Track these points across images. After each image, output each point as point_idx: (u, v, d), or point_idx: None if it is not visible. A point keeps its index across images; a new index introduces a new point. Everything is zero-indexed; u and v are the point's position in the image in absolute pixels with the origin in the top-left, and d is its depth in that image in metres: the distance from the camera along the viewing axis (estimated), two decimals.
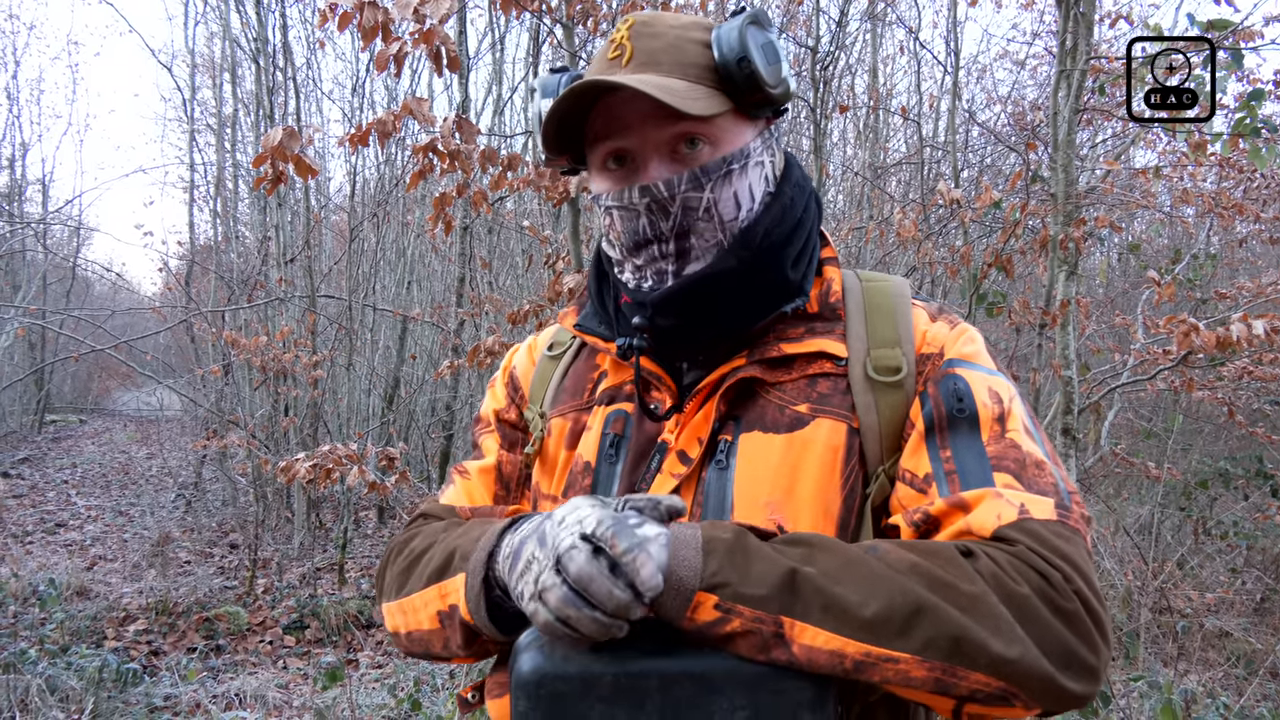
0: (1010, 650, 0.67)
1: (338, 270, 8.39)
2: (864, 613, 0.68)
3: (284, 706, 4.02)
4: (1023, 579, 0.70)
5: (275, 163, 2.34)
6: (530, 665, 0.71)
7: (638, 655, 0.71)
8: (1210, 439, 7.09)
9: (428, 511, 1.02)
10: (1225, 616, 4.96)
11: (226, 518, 7.73)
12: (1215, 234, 6.68)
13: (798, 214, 0.92)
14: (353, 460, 3.14)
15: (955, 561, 0.71)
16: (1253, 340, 2.75)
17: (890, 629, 0.68)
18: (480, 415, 1.10)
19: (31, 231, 11.91)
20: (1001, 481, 0.79)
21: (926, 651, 0.68)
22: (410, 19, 2.16)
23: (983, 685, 0.68)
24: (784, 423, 0.87)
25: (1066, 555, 0.73)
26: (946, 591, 0.69)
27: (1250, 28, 3.43)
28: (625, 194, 0.88)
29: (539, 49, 5.35)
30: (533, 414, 1.03)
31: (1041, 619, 0.69)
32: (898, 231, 4.22)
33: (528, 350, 1.09)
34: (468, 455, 1.09)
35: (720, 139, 0.87)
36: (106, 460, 11.49)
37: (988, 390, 0.85)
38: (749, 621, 0.69)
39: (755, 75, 0.85)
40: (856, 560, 0.72)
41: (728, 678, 0.70)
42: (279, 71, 8.03)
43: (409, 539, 0.96)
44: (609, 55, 0.90)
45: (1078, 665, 0.69)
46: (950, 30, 6.08)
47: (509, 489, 1.03)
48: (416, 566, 0.90)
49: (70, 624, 4.82)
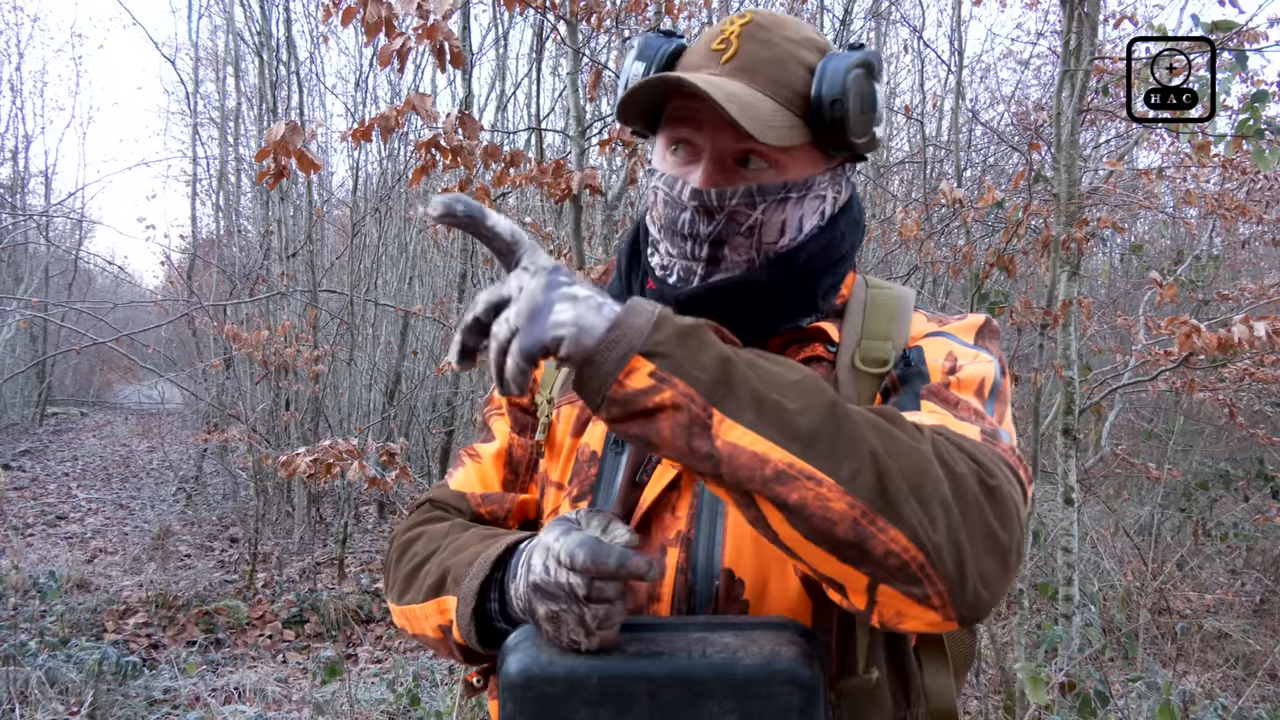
0: (935, 517, 0.64)
1: (340, 265, 8.38)
2: (798, 421, 0.65)
3: (283, 700, 4.03)
4: (958, 459, 0.68)
5: (278, 157, 2.34)
6: (517, 667, 0.71)
7: (626, 657, 0.70)
8: (1211, 440, 7.09)
9: (435, 498, 1.02)
10: (1224, 618, 4.96)
11: (227, 512, 7.73)
12: (1218, 235, 6.68)
13: (843, 249, 0.93)
14: (353, 455, 3.15)
15: (901, 420, 0.69)
16: (1254, 342, 2.75)
17: (820, 446, 0.64)
18: (491, 397, 1.10)
19: (34, 224, 11.92)
20: (926, 408, 0.79)
21: (853, 483, 0.63)
22: (414, 14, 2.16)
23: (900, 550, 0.63)
24: None
25: (995, 460, 0.71)
26: (885, 437, 0.66)
27: (1254, 29, 3.42)
28: (677, 186, 0.88)
29: (542, 45, 5.35)
30: (542, 399, 1.02)
31: (970, 495, 0.66)
32: (900, 230, 4.22)
33: None
34: (473, 437, 1.10)
35: (787, 165, 0.87)
36: (107, 453, 11.50)
37: (945, 353, 0.85)
38: (680, 395, 0.65)
39: (845, 120, 0.84)
40: (809, 379, 0.69)
41: (718, 681, 0.69)
42: (282, 65, 8.03)
43: (413, 538, 0.96)
44: (713, 45, 0.88)
45: (996, 545, 0.66)
46: (954, 29, 6.07)
47: (518, 473, 1.03)
48: (418, 576, 0.91)
49: (70, 616, 4.83)
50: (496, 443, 1.04)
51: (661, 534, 0.86)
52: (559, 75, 7.48)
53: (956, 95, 5.43)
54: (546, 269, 0.69)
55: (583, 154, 3.44)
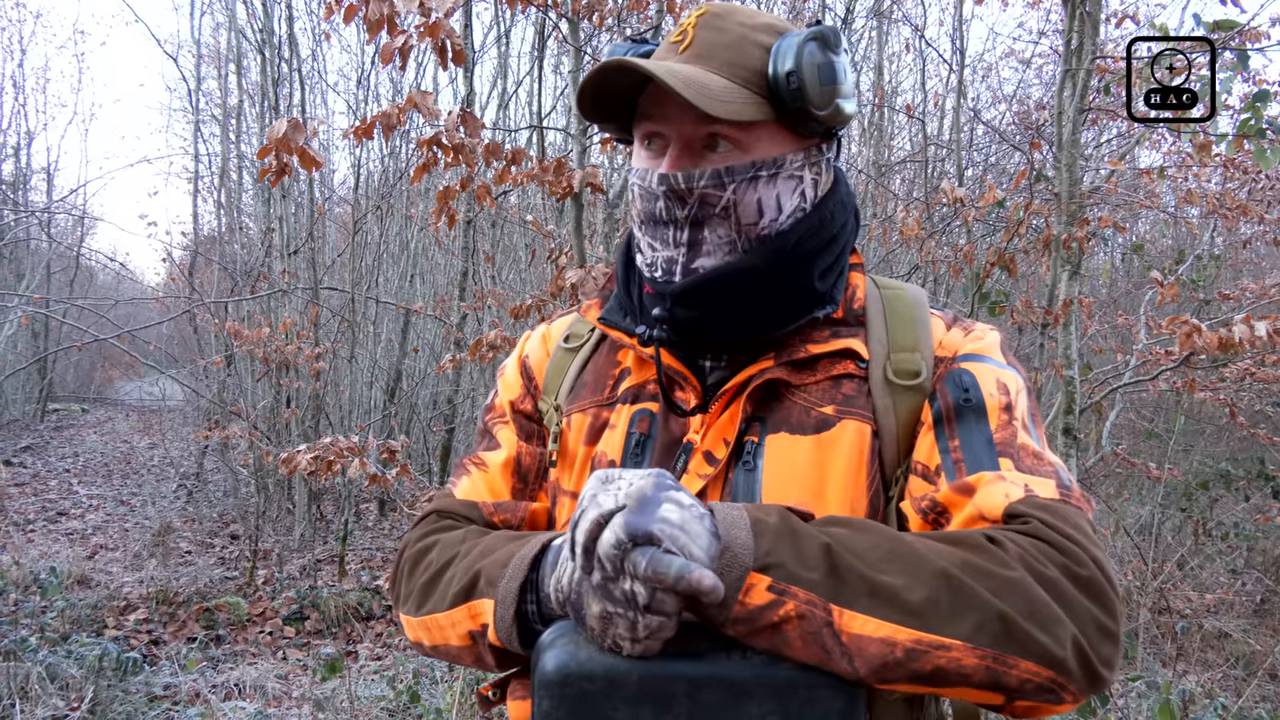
0: (1058, 635, 0.67)
1: (341, 263, 8.39)
2: (911, 597, 0.67)
3: (283, 697, 4.03)
4: (1048, 560, 0.71)
5: (280, 154, 2.34)
6: (555, 664, 0.69)
7: (666, 657, 0.69)
8: (1212, 440, 7.09)
9: (442, 508, 0.99)
10: (1225, 617, 4.96)
11: (228, 508, 7.74)
12: (1219, 235, 6.67)
13: (834, 229, 0.93)
14: (354, 453, 3.15)
15: (986, 548, 0.71)
16: (1255, 342, 2.75)
17: (939, 614, 0.67)
18: (493, 404, 1.07)
19: (36, 220, 11.92)
20: (1005, 465, 0.81)
21: (977, 637, 0.66)
22: (416, 12, 2.16)
23: (1032, 675, 0.67)
24: (810, 424, 0.88)
25: (1078, 526, 0.74)
26: (986, 578, 0.69)
27: (1256, 28, 3.42)
28: (647, 176, 0.90)
29: (544, 43, 5.35)
30: (548, 406, 1.01)
31: (1073, 598, 0.70)
32: (901, 230, 4.22)
33: (541, 340, 1.07)
34: (470, 447, 1.07)
35: (751, 146, 0.87)
36: (108, 450, 11.51)
37: (995, 381, 0.87)
38: (803, 604, 0.67)
39: (802, 92, 0.84)
40: (897, 543, 0.71)
41: (758, 683, 0.68)
42: (284, 63, 8.03)
43: (426, 547, 0.93)
44: (672, 39, 0.90)
45: (1107, 633, 0.70)
46: (956, 28, 6.07)
47: (526, 482, 1.00)
48: (439, 583, 0.88)
49: (71, 612, 4.84)
50: (504, 451, 1.01)
51: None
52: (561, 73, 7.48)
53: (958, 94, 5.43)
54: (655, 473, 0.71)
55: (584, 152, 3.45)
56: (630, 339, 0.95)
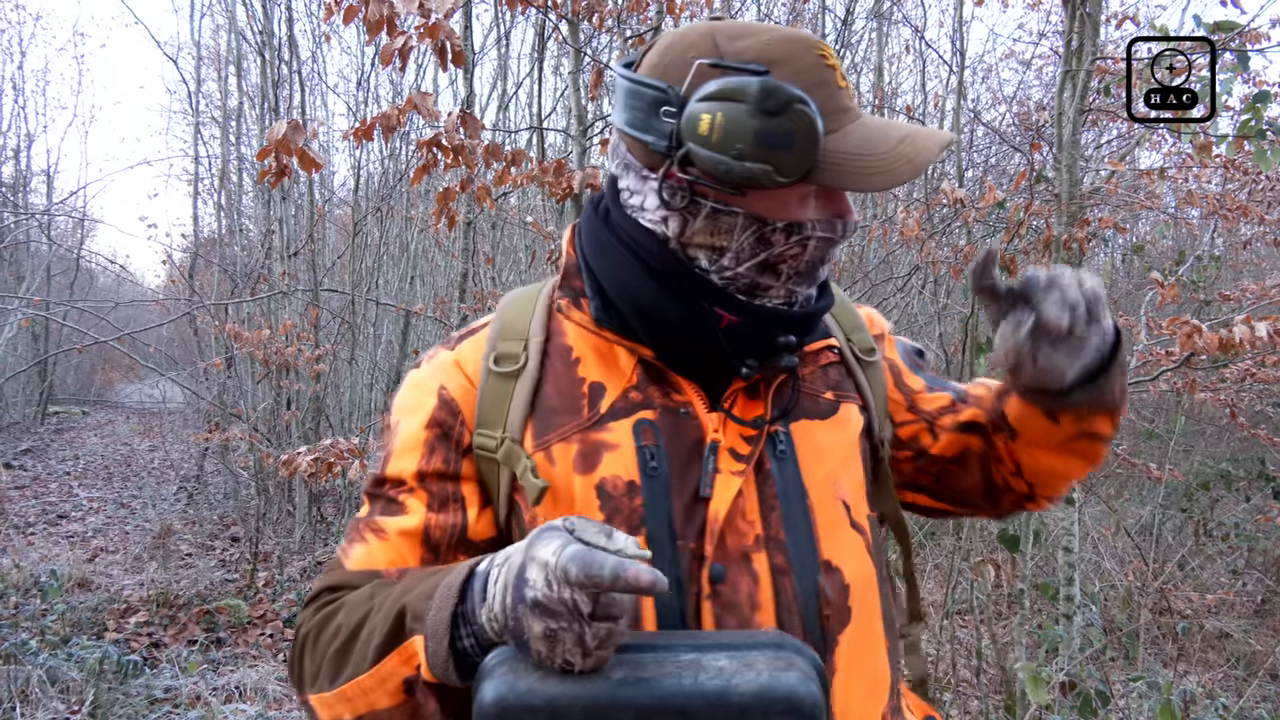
0: None
1: (341, 264, 8.39)
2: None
3: (284, 699, 4.03)
4: None
5: (279, 156, 2.34)
6: (493, 695, 0.65)
7: (611, 684, 0.65)
8: (1212, 440, 7.08)
9: (336, 583, 0.87)
10: (1225, 618, 4.96)
11: (228, 511, 7.74)
12: (1219, 236, 6.67)
13: None
14: (354, 454, 3.15)
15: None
16: (1255, 342, 2.74)
17: None
18: (386, 476, 0.90)
19: (36, 223, 11.93)
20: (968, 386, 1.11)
21: None
22: (415, 13, 2.16)
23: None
24: (821, 410, 0.94)
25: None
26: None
27: (1257, 29, 3.42)
28: (838, 226, 0.87)
29: (544, 44, 5.35)
30: (494, 441, 0.88)
31: None
32: (901, 231, 4.21)
33: (455, 368, 0.93)
34: (359, 509, 0.93)
35: None
36: (109, 452, 11.51)
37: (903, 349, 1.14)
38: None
39: None
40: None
41: (710, 710, 0.64)
42: (284, 65, 8.03)
43: (328, 616, 0.84)
44: (839, 82, 0.83)
45: None
46: (956, 30, 6.07)
47: (438, 554, 0.87)
48: (354, 644, 0.79)
49: (71, 615, 4.84)
50: (409, 518, 0.88)
51: (739, 543, 0.85)
52: (561, 75, 7.48)
53: (958, 95, 5.43)
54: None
55: (584, 153, 3.45)
56: (644, 350, 0.90)
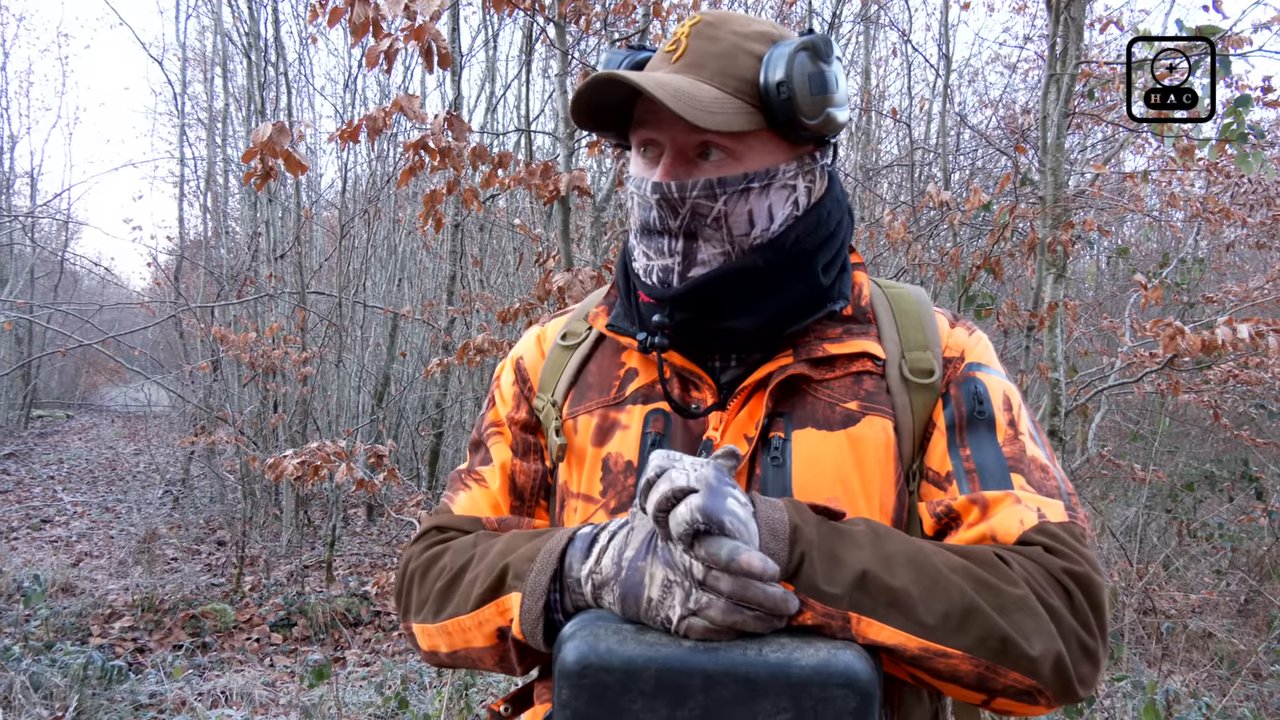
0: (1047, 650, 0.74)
1: (328, 266, 8.36)
2: (926, 613, 0.73)
3: (270, 704, 4.01)
4: (1051, 586, 0.77)
5: (265, 158, 2.33)
6: (575, 655, 0.71)
7: (683, 651, 0.70)
8: (1196, 442, 7.14)
9: (443, 524, 0.99)
10: (1209, 618, 4.99)
11: (214, 515, 7.69)
12: (1203, 238, 6.72)
13: (831, 227, 0.94)
14: (341, 457, 3.14)
15: (997, 566, 0.77)
16: (1238, 344, 2.77)
17: (949, 628, 0.73)
18: (486, 418, 1.05)
19: (19, 224, 11.83)
20: (1017, 484, 0.85)
21: (977, 650, 0.73)
22: (401, 15, 2.16)
23: (1016, 682, 0.74)
24: (836, 419, 0.89)
25: (1080, 552, 0.81)
26: (993, 595, 0.74)
27: (1239, 34, 3.45)
28: (642, 184, 0.90)
29: (532, 47, 5.35)
30: (543, 403, 1.00)
31: (1066, 622, 0.76)
32: (888, 233, 4.23)
33: (535, 341, 1.06)
34: (460, 457, 1.05)
35: (744, 155, 0.88)
36: (93, 456, 11.42)
37: (1003, 395, 0.92)
38: (819, 615, 0.72)
39: (792, 102, 0.85)
40: (917, 556, 0.76)
41: (773, 681, 0.69)
42: (270, 66, 8.00)
43: (436, 555, 0.93)
44: (666, 48, 0.91)
45: (1089, 655, 0.77)
46: (942, 34, 6.10)
47: (523, 499, 1.00)
48: (458, 586, 0.88)
49: (55, 620, 4.80)
50: (498, 453, 1.01)
51: None
52: (549, 77, 7.48)
53: (944, 99, 5.46)
54: (714, 465, 0.75)
55: (571, 156, 3.45)
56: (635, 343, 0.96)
